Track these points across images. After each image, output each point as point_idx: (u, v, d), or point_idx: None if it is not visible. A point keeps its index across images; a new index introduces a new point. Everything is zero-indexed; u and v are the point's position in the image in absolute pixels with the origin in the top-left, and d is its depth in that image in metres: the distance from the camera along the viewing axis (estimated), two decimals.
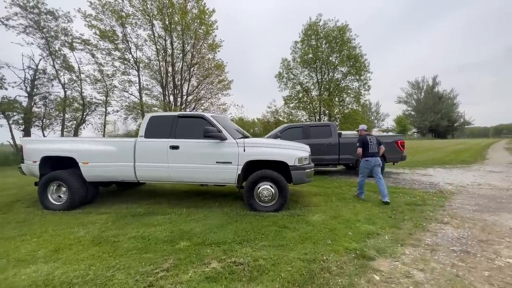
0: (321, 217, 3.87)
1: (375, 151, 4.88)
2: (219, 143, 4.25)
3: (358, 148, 4.95)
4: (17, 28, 12.38)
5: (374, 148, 4.87)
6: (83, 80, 14.95)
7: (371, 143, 4.88)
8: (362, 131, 5.19)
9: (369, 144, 4.87)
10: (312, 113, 26.37)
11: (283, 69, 26.87)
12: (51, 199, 4.40)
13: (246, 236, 3.15)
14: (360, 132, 5.23)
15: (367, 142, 4.89)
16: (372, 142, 4.90)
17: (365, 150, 4.89)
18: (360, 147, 4.93)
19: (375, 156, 4.87)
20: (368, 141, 4.89)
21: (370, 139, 4.93)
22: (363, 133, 5.13)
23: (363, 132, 5.16)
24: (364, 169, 4.96)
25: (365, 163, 4.92)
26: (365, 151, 4.89)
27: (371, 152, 4.86)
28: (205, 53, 18.98)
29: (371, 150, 4.86)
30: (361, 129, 5.24)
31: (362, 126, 5.27)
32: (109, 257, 2.62)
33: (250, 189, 4.14)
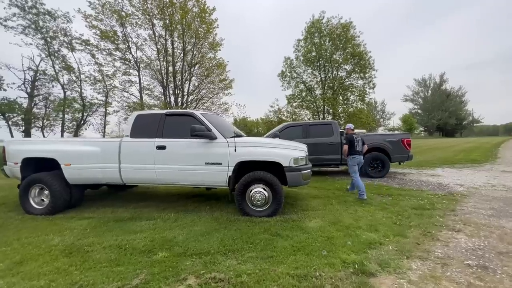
0: (319, 223, 3.53)
1: (360, 150, 5.17)
2: (209, 143, 3.95)
3: (345, 146, 5.18)
4: (16, 29, 12.34)
5: (359, 147, 5.16)
6: (83, 80, 14.85)
7: (357, 141, 5.15)
8: (349, 130, 5.42)
9: (355, 143, 5.13)
10: (316, 112, 25.91)
11: (286, 68, 26.48)
12: (32, 203, 4.17)
13: (232, 245, 2.83)
14: (347, 130, 5.43)
15: (353, 140, 5.13)
16: (357, 141, 5.18)
17: (351, 148, 5.13)
18: (346, 144, 5.16)
19: (360, 154, 5.15)
20: (354, 139, 5.13)
21: (356, 138, 5.19)
22: (350, 132, 5.36)
23: (349, 131, 5.39)
24: (353, 167, 5.13)
25: (351, 160, 5.13)
26: (351, 149, 5.13)
27: (356, 150, 5.12)
28: (206, 52, 18.74)
29: (356, 148, 5.12)
30: (348, 128, 5.45)
31: (349, 125, 5.50)
32: (76, 270, 2.34)
33: (242, 193, 3.82)
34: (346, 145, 5.15)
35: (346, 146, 5.15)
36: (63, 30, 13.76)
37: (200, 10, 17.74)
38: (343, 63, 24.29)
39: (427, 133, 67.86)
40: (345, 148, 5.16)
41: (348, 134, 5.27)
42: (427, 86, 67.02)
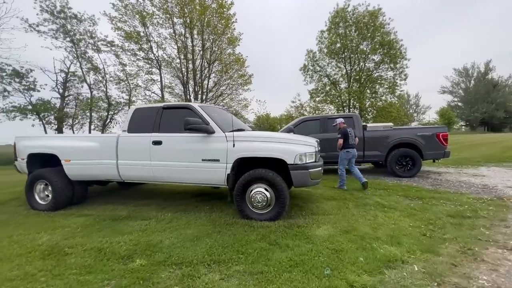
0: (328, 230, 3.01)
1: (354, 143, 5.29)
2: (206, 138, 3.60)
3: (340, 139, 5.18)
4: (47, 33, 13.18)
5: (353, 140, 5.26)
6: (108, 80, 15.51)
7: (350, 135, 5.22)
8: (341, 124, 5.43)
9: (349, 136, 5.19)
10: (341, 106, 24.57)
11: (308, 61, 25.43)
12: (37, 199, 4.19)
13: (220, 254, 2.45)
14: (339, 125, 5.43)
15: (348, 134, 5.19)
16: (351, 134, 5.26)
17: (346, 141, 5.18)
18: (341, 138, 5.17)
19: (354, 147, 5.27)
20: (348, 133, 5.19)
21: (350, 131, 5.26)
22: (342, 126, 5.38)
23: (342, 125, 5.40)
24: (343, 160, 5.25)
25: (345, 154, 5.21)
26: (345, 142, 5.18)
27: (350, 144, 5.21)
28: (225, 48, 18.57)
29: (350, 142, 5.21)
30: (339, 123, 5.46)
31: (340, 120, 5.53)
32: (42, 277, 2.12)
33: (241, 193, 3.42)
34: (341, 139, 5.18)
35: (341, 140, 5.18)
36: (89, 32, 14.44)
37: (218, 6, 17.58)
38: (371, 53, 22.59)
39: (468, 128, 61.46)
40: (340, 142, 5.18)
41: (341, 128, 5.31)
42: (470, 76, 60.47)
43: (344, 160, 5.28)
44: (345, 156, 5.24)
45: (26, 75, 12.47)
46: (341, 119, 5.60)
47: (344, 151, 5.23)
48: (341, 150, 5.27)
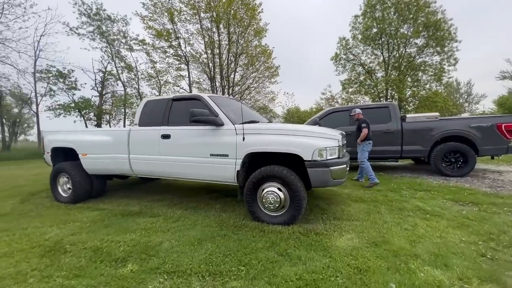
0: (352, 241, 2.49)
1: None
2: (215, 131, 3.29)
3: (365, 129, 4.85)
4: (86, 35, 14.14)
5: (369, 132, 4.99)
6: (140, 78, 16.23)
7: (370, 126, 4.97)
8: (359, 114, 5.17)
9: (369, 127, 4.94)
10: (377, 97, 22.61)
11: (340, 50, 23.77)
12: (60, 191, 4.32)
13: (220, 264, 2.12)
14: (357, 115, 5.17)
15: (369, 125, 4.94)
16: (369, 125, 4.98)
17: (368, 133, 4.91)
18: (366, 128, 4.86)
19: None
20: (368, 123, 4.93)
21: (368, 122, 4.98)
22: (361, 116, 5.13)
23: (360, 116, 5.15)
24: (365, 153, 4.95)
25: (367, 146, 4.95)
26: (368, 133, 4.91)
27: (371, 135, 4.99)
28: (251, 40, 18.15)
29: (370, 133, 4.98)
30: (358, 113, 5.18)
31: (358, 110, 5.24)
32: (31, 277, 2.01)
33: (252, 192, 3.05)
34: (366, 128, 4.84)
35: (366, 130, 4.83)
36: (122, 32, 15.17)
37: None
38: (413, 37, 20.20)
39: None
40: (366, 132, 4.84)
41: (362, 119, 5.04)
42: None
43: (366, 153, 4.96)
44: (367, 148, 4.95)
45: (68, 75, 13.69)
46: (359, 109, 5.28)
47: (366, 143, 4.93)
48: (362, 142, 4.93)
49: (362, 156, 4.95)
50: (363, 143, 4.93)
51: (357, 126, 5.08)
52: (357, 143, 5.06)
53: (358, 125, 5.05)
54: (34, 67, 13.81)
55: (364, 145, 4.94)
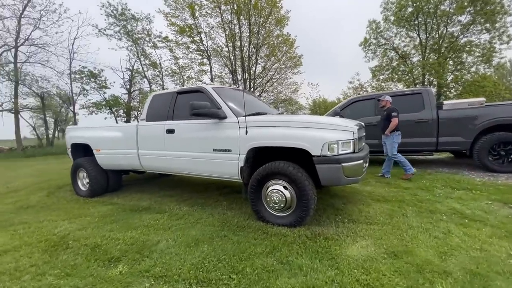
0: (367, 249, 2.14)
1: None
2: (218, 124, 3.09)
3: (395, 119, 4.40)
4: (113, 36, 14.84)
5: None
6: (164, 74, 16.68)
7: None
8: (388, 102, 4.69)
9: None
10: (412, 84, 20.65)
11: (370, 34, 22.03)
12: (80, 185, 4.50)
13: (211, 270, 1.94)
14: (385, 103, 4.70)
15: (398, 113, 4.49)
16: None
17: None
18: (397, 117, 4.42)
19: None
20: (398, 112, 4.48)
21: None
22: (390, 105, 4.67)
23: (389, 104, 4.68)
24: (396, 144, 4.51)
25: (397, 137, 4.52)
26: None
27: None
28: (272, 29, 17.56)
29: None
30: (387, 100, 4.70)
31: (388, 97, 4.74)
32: (27, 274, 2.02)
33: (256, 190, 2.81)
34: (396, 117, 4.39)
35: (397, 120, 4.39)
36: (146, 30, 15.64)
37: None
38: (456, 13, 17.87)
39: None
40: (396, 122, 4.39)
41: (391, 107, 4.57)
42: None
43: (396, 145, 4.52)
44: (397, 139, 4.51)
45: (98, 75, 14.60)
46: (389, 97, 4.77)
47: (396, 133, 4.50)
48: (390, 133, 4.48)
49: (392, 149, 4.51)
50: (392, 134, 4.47)
51: (385, 115, 4.58)
52: (384, 135, 4.58)
53: (386, 114, 4.55)
54: (70, 69, 15.06)
55: (394, 136, 4.49)
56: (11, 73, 14.81)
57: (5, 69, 14.96)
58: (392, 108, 4.55)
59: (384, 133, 4.60)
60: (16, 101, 15.21)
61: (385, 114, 4.63)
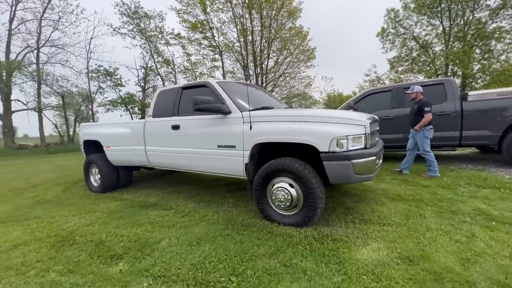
0: (379, 253, 1.97)
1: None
2: (222, 119, 2.99)
3: (429, 114, 3.99)
4: (127, 34, 15.14)
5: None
6: (177, 71, 16.85)
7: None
8: (419, 94, 4.20)
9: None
10: (434, 75, 19.52)
11: (388, 24, 21.04)
12: (92, 181, 4.60)
13: (210, 272, 1.86)
14: (416, 95, 4.21)
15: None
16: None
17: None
18: (430, 112, 4.01)
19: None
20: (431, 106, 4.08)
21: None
22: (421, 96, 4.19)
23: (420, 95, 4.20)
24: (428, 140, 4.11)
25: (429, 132, 4.10)
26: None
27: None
28: (284, 22, 17.16)
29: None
30: (417, 92, 4.21)
31: (418, 88, 4.22)
32: (32, 270, 2.04)
33: (261, 188, 2.70)
34: (430, 112, 3.98)
35: (431, 116, 3.99)
36: (158, 28, 15.81)
37: None
38: None
39: None
40: (430, 117, 3.99)
41: (423, 100, 4.10)
42: None
43: (428, 140, 4.11)
44: (429, 134, 4.09)
45: (113, 73, 15.03)
46: (419, 87, 4.23)
47: (428, 128, 4.08)
48: (419, 129, 4.08)
49: (424, 144, 4.12)
50: (423, 128, 4.08)
51: (417, 108, 4.14)
52: (414, 130, 4.18)
53: (418, 108, 4.12)
54: (87, 68, 15.64)
55: (425, 131, 4.09)
56: (34, 73, 15.63)
57: (28, 70, 15.79)
58: (424, 102, 4.08)
59: (413, 128, 4.19)
60: (39, 100, 16.07)
61: (416, 108, 4.17)
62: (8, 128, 15.82)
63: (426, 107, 4.01)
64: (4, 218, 3.41)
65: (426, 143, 4.10)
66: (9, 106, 15.79)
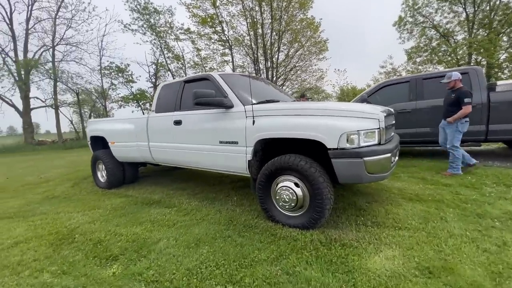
0: (394, 262, 1.76)
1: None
2: (224, 114, 2.83)
3: (468, 106, 3.53)
4: (138, 30, 15.23)
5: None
6: (187, 67, 16.83)
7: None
8: (457, 82, 3.71)
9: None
10: (456, 65, 18.40)
11: (405, 12, 20.01)
12: (99, 177, 4.61)
13: (206, 278, 1.73)
14: (455, 82, 3.71)
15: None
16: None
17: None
18: (470, 103, 3.55)
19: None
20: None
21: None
22: (461, 85, 3.73)
23: (459, 84, 3.72)
24: (460, 135, 3.69)
25: (463, 126, 3.66)
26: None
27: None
28: (296, 14, 16.64)
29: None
30: (456, 79, 3.70)
31: (457, 75, 3.71)
32: (27, 269, 1.99)
33: (265, 186, 2.52)
34: (470, 104, 3.53)
35: (470, 107, 3.54)
36: (168, 23, 15.79)
37: None
38: None
39: None
40: (470, 110, 3.54)
41: (463, 90, 3.63)
42: None
43: (460, 135, 3.71)
44: (462, 127, 3.68)
45: (125, 69, 15.25)
46: (457, 73, 3.74)
47: (464, 121, 3.66)
48: (454, 121, 3.66)
49: (454, 139, 3.70)
50: (458, 121, 3.65)
51: (454, 98, 3.67)
52: (447, 122, 3.76)
53: (456, 98, 3.64)
54: (100, 65, 15.95)
55: (459, 124, 3.66)
56: (50, 71, 16.14)
57: (44, 68, 16.32)
58: (464, 92, 3.59)
59: (445, 119, 3.78)
60: (55, 98, 16.63)
61: (453, 97, 3.68)
62: (28, 125, 16.51)
63: (466, 97, 3.53)
64: (12, 214, 3.45)
65: (457, 138, 3.69)
66: (28, 104, 16.45)
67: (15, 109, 16.65)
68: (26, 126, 16.59)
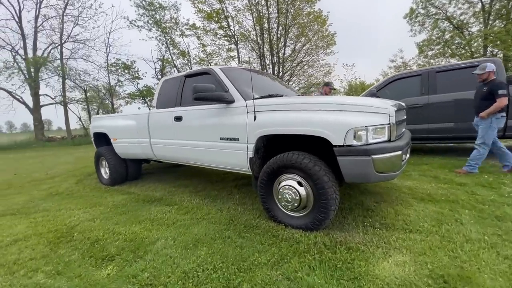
0: (404, 268, 1.63)
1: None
2: (225, 109, 2.72)
3: (504, 98, 3.21)
4: (143, 27, 15.22)
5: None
6: (193, 63, 16.76)
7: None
8: (491, 74, 3.38)
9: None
10: (470, 58, 17.68)
11: (417, 3, 19.31)
12: (103, 173, 4.59)
13: (202, 283, 1.64)
14: (488, 74, 3.38)
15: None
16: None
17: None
18: (506, 96, 3.23)
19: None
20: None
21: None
22: (494, 77, 3.41)
23: (493, 75, 3.39)
24: (494, 131, 3.39)
25: (499, 121, 3.37)
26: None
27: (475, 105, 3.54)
28: (302, 7, 16.26)
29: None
30: (490, 71, 3.36)
31: (491, 66, 3.37)
32: (22, 269, 1.95)
33: (267, 185, 2.41)
34: (505, 96, 3.19)
35: (506, 100, 3.20)
36: (173, 19, 15.69)
37: None
38: None
39: None
40: (505, 102, 3.20)
41: (497, 82, 3.33)
42: None
43: (494, 130, 3.39)
44: (497, 123, 3.38)
45: (131, 66, 15.31)
46: (492, 65, 3.39)
47: (499, 116, 3.36)
48: (488, 116, 3.35)
49: (486, 136, 3.40)
50: (493, 116, 3.34)
51: (487, 91, 3.36)
52: (480, 117, 3.45)
53: (489, 90, 3.33)
54: (107, 62, 16.08)
55: (494, 119, 3.35)
56: (58, 68, 16.38)
57: (53, 65, 16.57)
58: (497, 83, 3.29)
59: (478, 115, 3.47)
60: (64, 95, 16.89)
61: (486, 90, 3.37)
62: (38, 122, 16.85)
63: (500, 89, 3.22)
64: (15, 210, 3.46)
65: (490, 135, 3.38)
66: (38, 101, 16.77)
67: (25, 106, 17.01)
68: (36, 123, 16.95)
